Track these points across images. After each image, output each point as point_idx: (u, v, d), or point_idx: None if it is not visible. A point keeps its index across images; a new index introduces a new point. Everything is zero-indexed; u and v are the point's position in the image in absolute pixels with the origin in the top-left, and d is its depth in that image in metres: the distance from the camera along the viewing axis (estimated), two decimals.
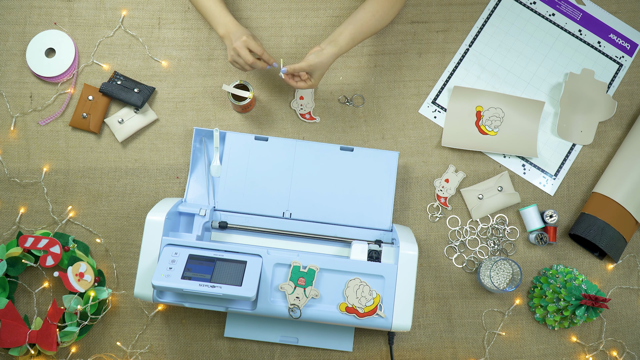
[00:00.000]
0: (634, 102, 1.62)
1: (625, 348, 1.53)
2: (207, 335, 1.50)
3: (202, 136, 1.53)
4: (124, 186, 1.55)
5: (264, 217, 1.49)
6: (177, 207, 1.44)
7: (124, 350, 1.50)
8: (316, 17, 1.62)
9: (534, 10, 1.65)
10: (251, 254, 1.35)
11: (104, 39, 1.60)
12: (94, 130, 1.55)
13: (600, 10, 1.65)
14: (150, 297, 1.34)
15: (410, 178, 1.58)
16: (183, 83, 1.59)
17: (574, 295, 1.43)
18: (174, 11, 1.62)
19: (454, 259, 1.55)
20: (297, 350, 1.50)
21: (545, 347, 1.52)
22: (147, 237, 1.35)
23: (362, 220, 1.49)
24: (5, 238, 1.53)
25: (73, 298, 1.43)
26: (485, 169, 1.58)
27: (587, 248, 1.56)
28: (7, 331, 1.40)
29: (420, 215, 1.57)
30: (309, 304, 1.34)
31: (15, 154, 1.56)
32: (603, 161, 1.60)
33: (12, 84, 1.58)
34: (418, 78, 1.61)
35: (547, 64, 1.63)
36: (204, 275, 1.29)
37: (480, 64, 1.62)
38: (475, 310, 1.53)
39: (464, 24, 1.63)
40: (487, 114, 1.59)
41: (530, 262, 1.55)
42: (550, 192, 1.58)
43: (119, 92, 1.55)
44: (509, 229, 1.56)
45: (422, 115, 1.60)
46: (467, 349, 1.52)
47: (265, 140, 1.51)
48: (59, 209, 1.54)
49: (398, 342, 1.52)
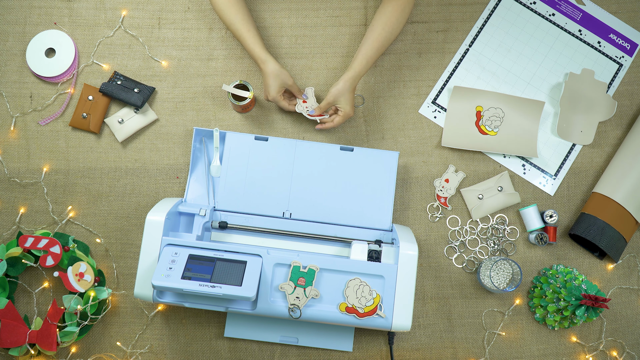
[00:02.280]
0: (634, 102, 1.62)
1: (625, 348, 1.53)
2: (207, 335, 1.50)
3: (202, 136, 1.53)
4: (124, 186, 1.55)
5: (264, 217, 1.49)
6: (177, 207, 1.44)
7: (124, 350, 1.50)
8: (316, 17, 1.62)
9: (534, 10, 1.65)
10: (251, 254, 1.35)
11: (104, 39, 1.60)
12: (94, 130, 1.55)
13: (600, 10, 1.65)
14: (150, 297, 1.34)
15: (410, 178, 1.58)
16: (183, 83, 1.59)
17: (574, 295, 1.43)
18: (174, 11, 1.62)
19: (454, 259, 1.55)
20: (297, 350, 1.50)
21: (545, 347, 1.52)
22: (147, 237, 1.35)
23: (362, 220, 1.49)
24: (5, 238, 1.53)
25: (73, 298, 1.43)
26: (485, 169, 1.58)
27: (587, 248, 1.56)
28: (7, 331, 1.40)
29: (420, 215, 1.57)
30: (309, 304, 1.34)
31: (15, 154, 1.56)
32: (603, 161, 1.60)
33: (12, 84, 1.58)
34: (418, 78, 1.62)
35: (547, 64, 1.63)
36: (204, 275, 1.29)
37: (480, 64, 1.62)
38: (475, 310, 1.53)
39: (464, 24, 1.63)
40: (487, 114, 1.59)
41: (530, 262, 1.55)
42: (550, 192, 1.58)
43: (119, 92, 1.55)
44: (509, 229, 1.56)
45: (422, 115, 1.60)
46: (467, 349, 1.52)
47: (265, 140, 1.51)
48: (59, 209, 1.54)
49: (398, 342, 1.52)
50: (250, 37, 1.48)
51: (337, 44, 1.62)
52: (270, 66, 1.47)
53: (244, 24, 1.49)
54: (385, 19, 1.49)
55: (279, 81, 1.47)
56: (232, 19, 1.49)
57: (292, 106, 1.52)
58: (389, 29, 1.49)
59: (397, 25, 1.50)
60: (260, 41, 1.49)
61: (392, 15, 1.49)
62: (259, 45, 1.48)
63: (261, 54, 1.48)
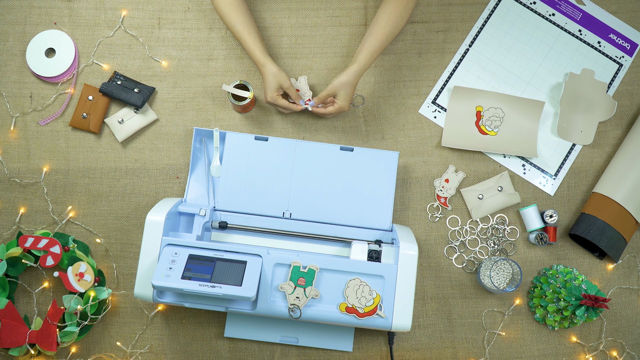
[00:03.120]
0: (634, 102, 1.62)
1: (625, 348, 1.53)
2: (207, 335, 1.50)
3: (202, 136, 1.53)
4: (124, 186, 1.55)
5: (264, 217, 1.49)
6: (177, 207, 1.44)
7: (124, 350, 1.50)
8: (316, 17, 1.62)
9: (534, 10, 1.65)
10: (251, 254, 1.35)
11: (104, 39, 1.60)
12: (94, 130, 1.55)
13: (600, 10, 1.65)
14: (150, 297, 1.34)
15: (410, 178, 1.58)
16: (183, 83, 1.59)
17: (574, 295, 1.43)
18: (174, 11, 1.62)
19: (454, 259, 1.55)
20: (297, 350, 1.50)
21: (545, 347, 1.52)
22: (147, 237, 1.35)
23: (362, 220, 1.49)
24: (5, 238, 1.53)
25: (73, 298, 1.43)
26: (485, 169, 1.58)
27: (587, 248, 1.56)
28: (7, 331, 1.40)
29: (420, 215, 1.57)
30: (309, 304, 1.34)
31: (15, 154, 1.56)
32: (603, 161, 1.60)
33: (12, 84, 1.58)
34: (418, 78, 1.62)
35: (547, 64, 1.63)
36: (204, 275, 1.29)
37: (480, 64, 1.62)
38: (475, 310, 1.53)
39: (464, 24, 1.63)
40: (487, 114, 1.59)
41: (530, 262, 1.55)
42: (550, 192, 1.58)
43: (119, 92, 1.55)
44: (509, 229, 1.56)
45: (422, 115, 1.60)
46: (467, 349, 1.52)
47: (265, 140, 1.51)
48: (59, 209, 1.54)
49: (398, 342, 1.52)
50: (251, 40, 1.49)
51: (337, 44, 1.62)
52: (268, 69, 1.47)
53: (245, 26, 1.49)
54: (389, 13, 1.49)
55: (275, 83, 1.47)
56: (234, 21, 1.49)
57: (291, 104, 1.52)
58: (392, 23, 1.49)
59: (400, 19, 1.50)
60: (259, 44, 1.49)
61: (396, 10, 1.49)
62: (258, 48, 1.48)
63: (260, 57, 1.48)
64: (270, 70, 1.47)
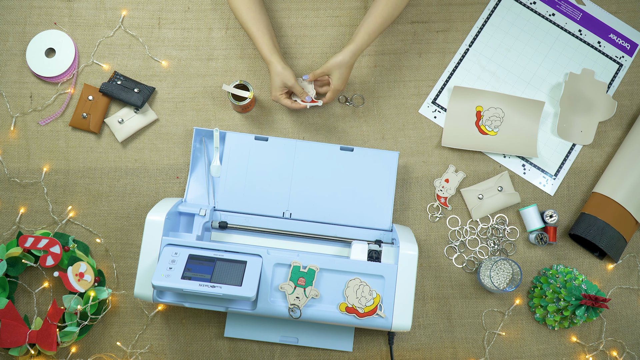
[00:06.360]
0: (634, 102, 1.62)
1: (625, 348, 1.53)
2: (207, 335, 1.50)
3: (202, 136, 1.53)
4: (124, 186, 1.55)
5: (264, 217, 1.49)
6: (177, 207, 1.44)
7: (124, 350, 1.50)
8: (316, 17, 1.62)
9: (534, 10, 1.65)
10: (251, 254, 1.35)
11: (104, 39, 1.60)
12: (94, 130, 1.55)
13: (600, 10, 1.65)
14: (150, 297, 1.34)
15: (410, 178, 1.58)
16: (183, 83, 1.59)
17: (574, 295, 1.43)
18: (174, 11, 1.62)
19: (454, 259, 1.55)
20: (297, 350, 1.50)
21: (545, 347, 1.52)
22: (147, 237, 1.35)
23: (362, 220, 1.49)
24: (5, 238, 1.53)
25: (73, 298, 1.43)
26: (485, 169, 1.58)
27: (587, 248, 1.56)
28: (7, 331, 1.40)
29: (420, 215, 1.57)
30: (309, 304, 1.34)
31: (15, 154, 1.56)
32: (603, 161, 1.60)
33: (12, 84, 1.58)
34: (418, 78, 1.62)
35: (547, 64, 1.63)
36: (204, 275, 1.29)
37: (480, 64, 1.62)
38: (475, 310, 1.53)
39: (464, 24, 1.63)
40: (487, 114, 1.59)
41: (530, 262, 1.55)
42: (550, 192, 1.58)
43: (119, 92, 1.55)
44: (509, 229, 1.56)
45: (422, 115, 1.60)
46: (467, 349, 1.52)
47: (265, 140, 1.51)
48: (59, 209, 1.54)
49: (398, 342, 1.52)
50: (260, 37, 1.48)
51: (337, 44, 1.62)
52: (273, 67, 1.47)
53: (254, 23, 1.49)
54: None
55: (278, 82, 1.47)
56: (244, 17, 1.49)
57: (295, 104, 1.51)
58: (392, 5, 1.47)
59: (400, 2, 1.48)
60: (268, 41, 1.48)
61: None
62: (266, 46, 1.48)
63: (267, 54, 1.48)
64: (274, 69, 1.47)
